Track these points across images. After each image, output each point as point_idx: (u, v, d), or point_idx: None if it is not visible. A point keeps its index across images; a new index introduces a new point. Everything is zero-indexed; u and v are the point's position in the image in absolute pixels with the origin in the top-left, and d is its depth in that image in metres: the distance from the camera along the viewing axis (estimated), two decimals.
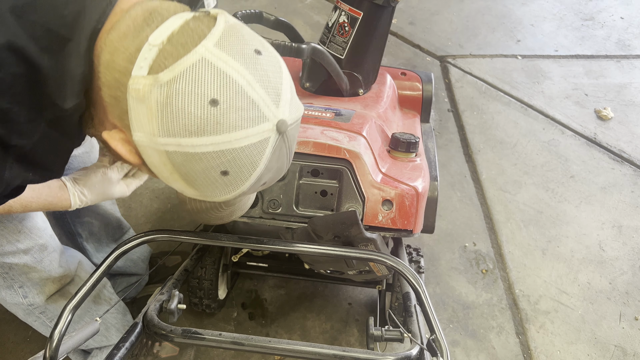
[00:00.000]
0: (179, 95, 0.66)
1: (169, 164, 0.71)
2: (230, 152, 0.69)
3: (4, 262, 1.19)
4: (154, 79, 0.66)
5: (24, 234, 1.19)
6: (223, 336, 1.04)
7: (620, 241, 2.25)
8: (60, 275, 1.31)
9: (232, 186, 0.74)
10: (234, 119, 0.67)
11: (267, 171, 0.75)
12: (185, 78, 0.65)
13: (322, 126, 1.41)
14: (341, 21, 1.56)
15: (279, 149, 0.74)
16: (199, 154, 0.68)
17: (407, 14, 3.52)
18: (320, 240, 1.24)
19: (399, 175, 1.35)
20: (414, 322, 1.21)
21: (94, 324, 1.05)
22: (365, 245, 1.25)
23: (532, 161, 2.57)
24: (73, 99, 0.71)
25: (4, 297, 1.27)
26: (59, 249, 1.31)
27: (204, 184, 0.73)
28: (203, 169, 0.70)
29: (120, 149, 0.74)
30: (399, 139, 1.46)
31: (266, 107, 0.69)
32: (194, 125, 0.66)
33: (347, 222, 1.19)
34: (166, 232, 1.14)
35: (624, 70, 3.20)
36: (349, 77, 1.62)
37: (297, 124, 0.77)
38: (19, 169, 0.72)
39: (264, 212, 1.33)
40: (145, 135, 0.69)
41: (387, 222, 1.29)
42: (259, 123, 0.69)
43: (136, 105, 0.68)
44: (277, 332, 1.87)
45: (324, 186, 1.33)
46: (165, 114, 0.67)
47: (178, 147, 0.68)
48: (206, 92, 0.66)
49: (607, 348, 1.89)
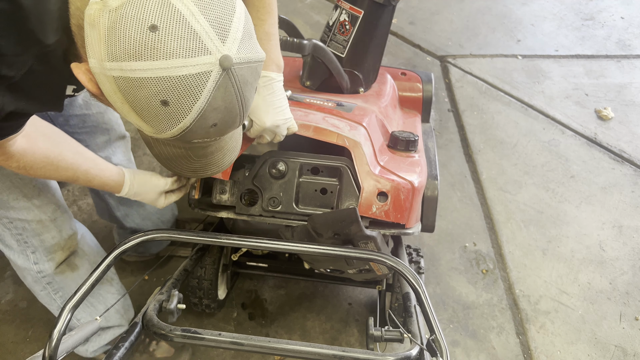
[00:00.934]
0: (123, 20, 0.69)
1: (118, 93, 0.75)
2: (168, 79, 0.71)
3: (18, 219, 1.25)
4: (104, 4, 0.70)
5: (37, 189, 1.25)
6: (223, 336, 1.04)
7: (621, 241, 2.25)
8: (69, 237, 1.38)
9: (174, 118, 0.76)
10: (172, 46, 0.70)
11: (213, 109, 0.76)
12: (132, 4, 0.69)
13: (324, 113, 1.42)
14: (342, 20, 1.56)
15: (224, 87, 0.75)
16: (139, 80, 0.72)
17: (407, 14, 3.52)
18: (320, 238, 1.24)
19: (396, 169, 1.36)
20: (413, 323, 1.21)
21: (93, 322, 1.06)
22: (365, 243, 1.25)
23: (533, 161, 2.57)
24: (53, 34, 0.76)
25: (15, 260, 1.35)
26: (68, 212, 1.39)
27: (150, 116, 0.76)
28: (145, 97, 0.73)
29: (82, 78, 0.78)
30: (398, 137, 1.46)
31: (209, 40, 0.71)
32: (133, 49, 0.70)
33: (347, 220, 1.18)
34: (166, 231, 1.14)
35: (624, 70, 3.19)
36: (350, 76, 1.62)
37: (250, 66, 0.77)
38: (10, 98, 0.79)
39: (263, 210, 1.33)
40: (97, 62, 0.73)
41: (381, 214, 1.29)
42: (199, 54, 0.71)
43: (90, 31, 0.73)
44: (277, 332, 1.87)
45: (324, 184, 1.32)
46: (110, 37, 0.70)
47: (121, 71, 0.72)
48: (148, 18, 0.69)
49: (607, 348, 1.89)
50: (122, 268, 2.02)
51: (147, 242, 1.12)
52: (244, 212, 1.34)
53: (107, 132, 1.55)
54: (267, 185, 1.32)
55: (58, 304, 1.46)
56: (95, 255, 1.51)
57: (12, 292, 1.95)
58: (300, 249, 1.14)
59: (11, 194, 1.20)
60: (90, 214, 2.20)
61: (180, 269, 1.43)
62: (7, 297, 1.93)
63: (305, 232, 1.26)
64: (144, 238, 1.12)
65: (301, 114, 1.39)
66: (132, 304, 1.70)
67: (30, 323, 1.86)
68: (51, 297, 1.45)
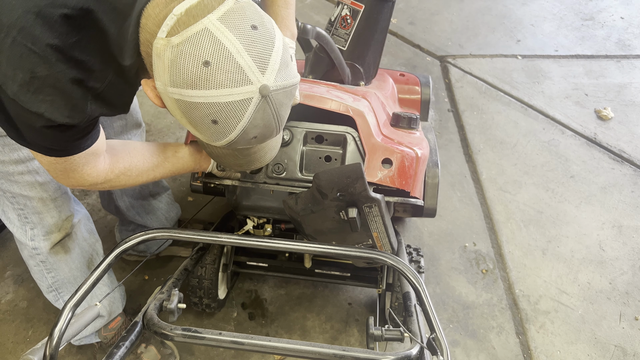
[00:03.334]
0: (183, 55, 0.85)
1: (177, 110, 0.91)
2: (218, 105, 0.86)
3: (21, 194, 1.29)
4: (168, 41, 0.85)
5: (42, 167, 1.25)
6: (223, 335, 1.04)
7: (620, 241, 2.25)
8: (66, 219, 1.42)
9: (222, 133, 0.92)
10: (221, 79, 0.85)
11: (253, 126, 0.91)
12: (190, 42, 0.84)
13: (328, 87, 1.46)
14: (343, 14, 1.62)
15: (263, 109, 0.89)
16: (194, 104, 0.87)
17: (407, 14, 3.52)
18: (324, 200, 1.24)
19: (399, 139, 1.38)
20: (414, 322, 1.21)
21: (93, 308, 1.06)
22: (370, 207, 1.25)
23: (532, 161, 2.57)
24: (129, 58, 0.92)
25: (14, 234, 1.41)
26: (69, 193, 1.44)
27: (203, 129, 0.92)
28: (199, 116, 0.89)
29: (150, 94, 0.94)
30: (400, 115, 1.50)
31: (251, 72, 0.86)
32: (190, 79, 0.85)
33: (352, 176, 1.20)
34: (167, 230, 1.15)
35: (624, 70, 3.20)
36: (351, 68, 1.65)
37: (284, 91, 0.91)
38: (95, 105, 0.94)
39: (268, 177, 1.35)
40: (162, 84, 0.90)
41: (386, 179, 1.31)
42: (242, 85, 0.86)
43: (156, 60, 0.88)
44: (277, 332, 1.87)
45: (328, 152, 1.35)
46: (172, 68, 0.86)
47: (180, 96, 0.88)
48: (202, 55, 0.84)
49: (607, 348, 1.89)
50: (123, 268, 2.02)
51: (148, 241, 1.13)
52: (248, 180, 1.36)
53: (124, 117, 1.58)
54: None
55: (49, 283, 1.52)
56: (86, 242, 1.55)
57: (12, 292, 1.95)
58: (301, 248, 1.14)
59: (17, 168, 1.22)
60: (91, 214, 2.19)
61: (180, 269, 1.43)
62: (7, 297, 1.93)
63: (310, 196, 1.27)
64: (146, 237, 1.12)
65: (306, 87, 1.42)
66: (119, 298, 1.71)
67: (30, 323, 1.86)
68: (43, 274, 1.50)
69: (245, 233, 1.60)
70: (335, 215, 1.28)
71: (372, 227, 1.30)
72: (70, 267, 1.51)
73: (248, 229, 1.59)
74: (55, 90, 0.86)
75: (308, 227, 1.35)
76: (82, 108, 0.91)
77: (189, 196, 2.30)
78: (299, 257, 1.79)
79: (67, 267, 1.50)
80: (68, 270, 1.50)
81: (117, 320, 1.69)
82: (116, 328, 1.69)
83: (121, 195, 1.77)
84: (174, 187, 2.33)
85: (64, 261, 1.48)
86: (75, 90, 0.88)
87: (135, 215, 1.83)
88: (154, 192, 1.87)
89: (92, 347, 1.76)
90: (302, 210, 1.29)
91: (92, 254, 1.58)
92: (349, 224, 1.27)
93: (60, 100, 0.87)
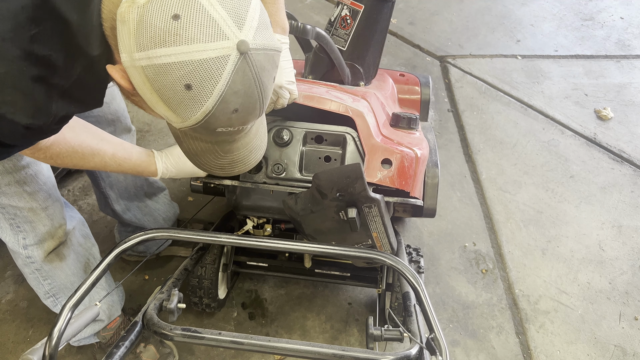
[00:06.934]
0: (149, 12, 0.77)
1: (147, 83, 0.81)
2: (190, 63, 0.77)
3: (10, 205, 1.27)
4: (133, 2, 0.78)
5: (30, 176, 1.26)
6: (223, 335, 1.04)
7: (620, 241, 2.25)
8: (59, 227, 1.40)
9: (198, 101, 0.81)
10: (193, 32, 0.76)
11: (233, 93, 0.81)
12: None
13: (328, 87, 1.46)
14: (343, 14, 1.62)
15: (242, 70, 0.80)
16: (164, 65, 0.78)
17: (407, 14, 3.52)
18: (324, 200, 1.25)
19: (399, 140, 1.38)
20: (413, 322, 1.21)
21: (93, 308, 1.06)
22: (369, 207, 1.25)
23: (532, 161, 2.57)
24: (97, 47, 0.85)
25: (7, 242, 1.38)
26: (61, 201, 1.41)
27: (176, 102, 0.82)
28: (170, 82, 0.79)
29: (116, 76, 0.85)
30: (399, 115, 1.50)
31: (227, 26, 0.78)
32: (158, 36, 0.77)
33: (351, 176, 1.20)
34: (166, 230, 1.15)
35: (624, 70, 3.20)
36: (351, 69, 1.65)
37: (266, 52, 0.83)
38: (62, 104, 0.87)
39: (267, 177, 1.35)
40: (127, 55, 0.80)
41: (385, 180, 1.31)
42: (217, 39, 0.77)
43: (121, 27, 0.80)
44: (277, 332, 1.87)
45: (327, 152, 1.35)
46: (138, 29, 0.78)
47: (148, 60, 0.78)
48: (171, 8, 0.76)
49: (606, 348, 1.89)
50: (123, 268, 2.02)
51: (147, 241, 1.13)
52: (248, 180, 1.36)
53: (113, 123, 1.57)
54: (271, 152, 1.35)
55: (45, 290, 1.50)
56: (82, 247, 1.54)
57: (12, 292, 1.95)
58: (301, 249, 1.14)
59: (3, 179, 1.20)
60: (91, 214, 2.20)
61: (180, 268, 1.43)
62: (7, 297, 1.93)
63: (309, 196, 1.27)
64: (145, 237, 1.12)
65: (305, 87, 1.42)
66: (118, 300, 1.71)
67: (30, 323, 1.86)
68: (39, 282, 1.48)
69: (245, 233, 1.60)
70: (335, 215, 1.28)
71: (372, 227, 1.30)
72: (67, 274, 1.49)
73: (248, 229, 1.59)
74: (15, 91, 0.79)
75: (308, 227, 1.35)
76: (47, 107, 0.84)
77: (189, 196, 2.30)
78: (299, 257, 1.79)
79: (64, 274, 1.49)
80: (64, 276, 1.49)
81: (115, 320, 1.69)
82: (115, 328, 1.69)
83: (117, 198, 1.76)
84: (174, 187, 2.33)
85: (60, 268, 1.47)
86: (37, 88, 0.81)
87: (132, 217, 1.83)
88: (150, 192, 1.87)
89: (92, 347, 1.76)
90: (301, 210, 1.30)
91: (89, 259, 1.57)
92: (348, 224, 1.27)
93: (22, 100, 0.81)
